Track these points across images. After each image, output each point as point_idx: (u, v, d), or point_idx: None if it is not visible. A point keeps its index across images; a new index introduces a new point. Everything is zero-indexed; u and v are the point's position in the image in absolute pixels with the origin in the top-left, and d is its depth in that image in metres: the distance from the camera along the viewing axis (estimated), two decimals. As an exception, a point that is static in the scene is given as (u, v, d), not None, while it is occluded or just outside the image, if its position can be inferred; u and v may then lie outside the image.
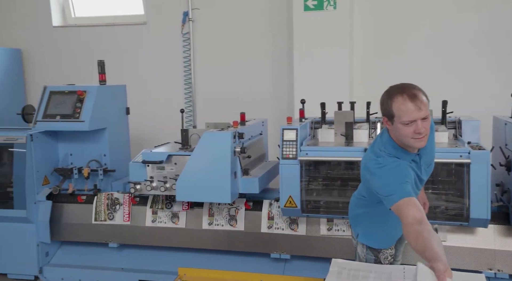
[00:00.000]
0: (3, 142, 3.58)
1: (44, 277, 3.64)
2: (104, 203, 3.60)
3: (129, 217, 3.54)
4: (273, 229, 3.34)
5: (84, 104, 3.63)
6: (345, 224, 3.20)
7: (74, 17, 5.61)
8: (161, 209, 3.50)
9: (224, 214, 3.42)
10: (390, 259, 2.25)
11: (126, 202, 3.56)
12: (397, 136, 2.00)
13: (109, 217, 3.57)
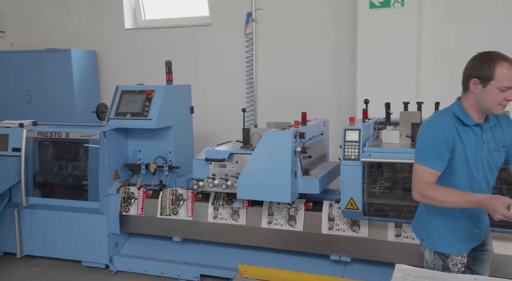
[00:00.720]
0: (80, 138, 3.83)
1: (114, 266, 3.85)
2: (169, 198, 3.75)
3: (192, 213, 3.65)
4: (334, 230, 3.29)
5: (152, 103, 3.80)
6: (413, 231, 3.08)
7: (144, 20, 5.89)
8: (222, 205, 3.58)
9: (284, 213, 3.42)
10: (461, 268, 2.13)
11: (189, 198, 3.68)
12: (482, 101, 2.01)
13: (174, 212, 3.70)
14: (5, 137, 4.01)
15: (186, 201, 3.68)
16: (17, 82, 5.65)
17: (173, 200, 3.72)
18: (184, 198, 3.69)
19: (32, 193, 3.93)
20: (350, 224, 3.25)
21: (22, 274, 3.79)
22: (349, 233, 3.25)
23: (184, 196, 3.70)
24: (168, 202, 3.74)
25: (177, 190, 3.74)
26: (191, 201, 3.67)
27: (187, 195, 3.68)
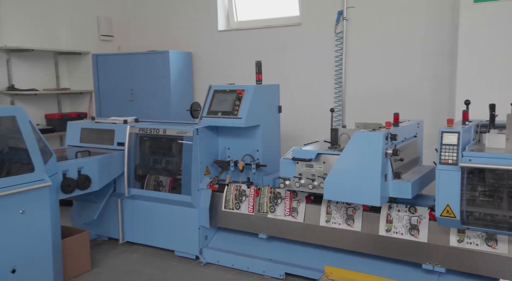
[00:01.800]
0: (175, 135, 4.08)
1: (203, 258, 4.04)
2: (267, 196, 3.79)
3: (289, 212, 3.66)
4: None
5: (242, 102, 3.91)
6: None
7: (236, 21, 6.08)
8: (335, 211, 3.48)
9: (405, 222, 3.26)
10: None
11: (287, 197, 3.68)
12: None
13: (271, 210, 3.74)
14: (111, 132, 4.40)
15: (284, 199, 3.70)
16: (122, 82, 6.17)
17: (271, 198, 3.76)
18: (282, 197, 3.71)
19: (133, 185, 4.27)
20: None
21: (123, 258, 4.14)
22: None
23: (282, 195, 3.72)
24: (266, 200, 3.78)
25: (275, 188, 3.76)
26: (290, 200, 3.68)
27: (285, 194, 3.70)
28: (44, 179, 3.24)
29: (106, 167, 4.05)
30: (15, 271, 3.06)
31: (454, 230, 3.05)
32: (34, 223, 3.18)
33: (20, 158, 3.38)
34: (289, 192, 3.67)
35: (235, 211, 3.85)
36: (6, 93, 5.72)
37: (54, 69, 6.41)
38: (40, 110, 6.14)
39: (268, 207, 3.76)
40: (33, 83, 6.03)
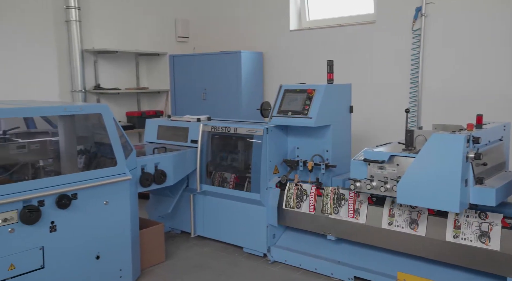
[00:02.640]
0: (246, 133, 4.15)
1: (271, 256, 4.08)
2: (330, 197, 3.76)
3: (353, 213, 3.59)
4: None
5: (313, 102, 3.88)
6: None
7: (308, 21, 6.05)
8: (398, 213, 3.39)
9: (474, 228, 3.09)
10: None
11: (351, 199, 3.63)
12: None
13: (335, 211, 3.70)
14: (185, 130, 4.58)
15: (348, 201, 3.64)
16: (196, 82, 6.41)
17: (335, 199, 3.72)
18: (346, 198, 3.66)
19: (204, 181, 4.42)
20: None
21: (194, 252, 4.30)
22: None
23: (346, 196, 3.67)
24: (330, 201, 3.74)
25: (339, 189, 3.72)
26: (353, 201, 3.61)
27: (349, 195, 3.64)
28: (125, 173, 3.45)
29: (180, 163, 4.23)
30: (99, 257, 3.31)
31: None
32: (115, 214, 3.41)
33: (104, 152, 3.63)
34: (353, 194, 3.59)
35: (298, 210, 3.82)
36: (93, 92, 6.19)
37: (135, 70, 6.82)
38: (121, 108, 6.56)
39: (332, 208, 3.71)
40: (116, 82, 6.47)
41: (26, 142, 3.17)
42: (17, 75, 5.42)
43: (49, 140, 3.31)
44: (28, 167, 3.27)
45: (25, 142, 3.17)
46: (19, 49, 5.43)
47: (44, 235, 2.98)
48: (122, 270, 3.47)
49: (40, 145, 3.20)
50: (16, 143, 3.12)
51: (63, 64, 5.89)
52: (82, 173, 3.30)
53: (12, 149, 3.06)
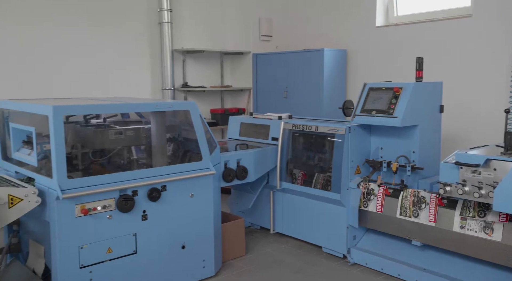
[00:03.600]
0: (327, 132, 4.11)
1: (351, 258, 4.00)
2: (410, 199, 3.62)
3: (434, 218, 3.43)
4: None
5: (399, 101, 3.72)
6: None
7: (396, 16, 5.80)
8: (472, 217, 3.22)
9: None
10: None
11: (432, 202, 3.46)
12: None
13: (414, 214, 3.56)
14: (266, 127, 4.65)
15: (429, 204, 3.47)
16: (278, 80, 6.46)
17: (415, 201, 3.57)
18: (427, 202, 3.49)
19: (284, 178, 4.45)
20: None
21: (273, 248, 4.36)
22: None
23: (427, 199, 3.50)
24: (409, 203, 3.61)
25: (419, 192, 3.57)
26: (435, 205, 3.44)
27: (431, 199, 3.47)
28: (209, 168, 3.60)
29: (261, 160, 4.30)
30: (184, 247, 3.50)
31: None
32: (200, 206, 3.57)
33: (191, 147, 3.82)
34: (435, 197, 3.39)
35: (412, 219, 3.60)
36: (180, 89, 6.53)
37: (219, 68, 7.06)
38: (206, 105, 6.84)
39: (411, 211, 3.54)
40: (202, 81, 6.75)
41: (123, 128, 3.44)
42: (114, 74, 5.88)
43: (142, 128, 3.56)
44: (124, 155, 3.55)
45: (122, 128, 3.44)
46: (116, 50, 5.89)
47: (136, 223, 3.22)
48: (205, 261, 3.63)
49: (135, 132, 3.45)
50: (114, 129, 3.41)
51: (155, 63, 6.29)
52: (171, 167, 3.51)
53: (111, 134, 3.35)
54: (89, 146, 3.34)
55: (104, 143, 3.34)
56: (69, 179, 2.89)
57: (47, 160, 3.17)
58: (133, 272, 3.20)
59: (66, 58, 5.45)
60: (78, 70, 5.54)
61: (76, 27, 5.50)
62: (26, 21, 5.13)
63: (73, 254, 2.92)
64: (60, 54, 5.39)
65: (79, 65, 5.55)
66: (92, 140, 3.32)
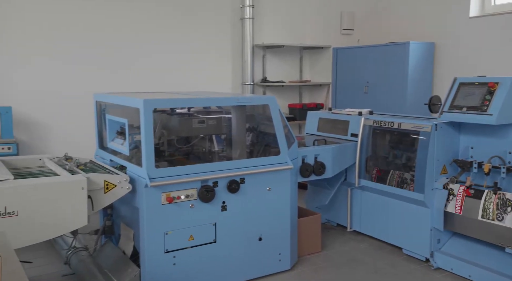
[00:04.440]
0: (410, 129, 3.92)
1: (434, 262, 3.79)
2: (493, 201, 3.33)
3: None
4: None
5: (494, 97, 3.44)
6: None
7: (494, 5, 5.35)
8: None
9: None
10: None
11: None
12: None
13: (498, 217, 3.26)
14: (346, 123, 4.56)
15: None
16: (359, 75, 6.29)
17: (499, 204, 3.28)
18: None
19: (363, 176, 4.33)
20: None
21: (350, 246, 4.28)
22: None
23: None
24: (493, 206, 3.32)
25: (505, 194, 3.27)
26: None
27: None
28: (287, 162, 3.61)
29: (340, 156, 4.23)
30: (261, 239, 3.56)
31: None
32: (277, 200, 3.60)
33: (269, 142, 3.87)
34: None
35: (500, 223, 3.37)
36: (260, 84, 6.62)
37: (298, 63, 7.05)
38: (284, 100, 6.87)
39: (495, 214, 3.25)
40: (281, 75, 6.79)
41: (205, 117, 3.58)
42: (197, 68, 6.12)
43: (223, 117, 3.67)
44: (206, 149, 3.70)
45: (205, 117, 3.58)
46: (200, 46, 6.12)
47: (216, 213, 3.33)
48: (281, 254, 3.66)
49: (216, 121, 3.57)
50: (197, 118, 3.56)
51: (236, 58, 6.44)
52: (250, 160, 3.59)
53: (194, 123, 3.50)
54: (174, 134, 3.53)
55: (188, 130, 3.51)
56: (156, 168, 3.07)
57: (137, 150, 3.41)
58: (213, 260, 3.33)
59: (156, 54, 5.77)
60: (165, 65, 5.84)
61: (164, 23, 5.80)
62: (124, 22, 5.51)
63: (158, 239, 3.11)
64: (150, 51, 5.72)
65: (167, 61, 5.86)
66: (177, 128, 3.49)
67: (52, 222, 2.71)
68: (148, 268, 3.09)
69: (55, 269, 3.62)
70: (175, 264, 3.18)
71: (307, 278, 3.65)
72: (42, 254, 3.85)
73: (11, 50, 4.87)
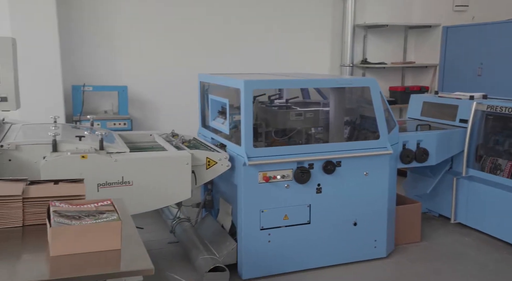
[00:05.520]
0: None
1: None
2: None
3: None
4: None
5: None
6: None
7: None
8: None
9: None
10: None
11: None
12: None
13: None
14: (454, 108, 4.23)
15: None
16: (471, 55, 5.74)
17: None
18: None
19: (472, 165, 4.00)
20: None
21: (453, 239, 4.01)
22: None
23: None
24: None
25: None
26: None
27: None
28: (387, 147, 3.47)
29: (445, 143, 3.97)
30: (356, 224, 3.50)
31: None
32: (374, 186, 3.50)
33: (368, 125, 3.75)
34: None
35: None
36: (359, 66, 6.41)
37: (402, 44, 6.66)
38: (385, 83, 6.56)
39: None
40: (383, 57, 6.48)
41: (302, 110, 3.58)
42: (295, 50, 6.08)
43: (321, 110, 3.64)
44: (302, 133, 3.71)
45: (302, 110, 3.58)
46: (299, 26, 6.07)
47: (311, 194, 3.34)
48: (377, 241, 3.56)
49: (314, 114, 3.56)
50: (295, 111, 3.58)
51: (335, 39, 6.29)
52: (347, 143, 3.52)
53: (292, 115, 3.53)
54: (271, 126, 3.59)
55: (285, 123, 3.54)
56: (254, 148, 3.17)
57: (236, 129, 3.53)
58: (306, 240, 3.36)
59: (254, 36, 5.85)
60: (264, 47, 5.90)
61: (264, 3, 5.85)
62: (229, 9, 5.68)
63: (255, 216, 3.22)
64: (249, 33, 5.82)
65: (266, 43, 5.91)
66: (274, 121, 3.55)
67: (161, 193, 2.94)
68: (245, 243, 3.23)
69: (162, 236, 3.95)
70: (270, 241, 3.27)
71: (404, 268, 3.52)
72: (150, 222, 4.22)
73: (127, 35, 5.31)
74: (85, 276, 1.54)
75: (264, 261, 3.27)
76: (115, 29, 5.22)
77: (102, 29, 5.15)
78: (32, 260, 1.67)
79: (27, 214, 1.88)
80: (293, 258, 3.35)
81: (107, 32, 5.18)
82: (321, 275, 3.37)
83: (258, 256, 3.25)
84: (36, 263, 1.64)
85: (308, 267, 3.40)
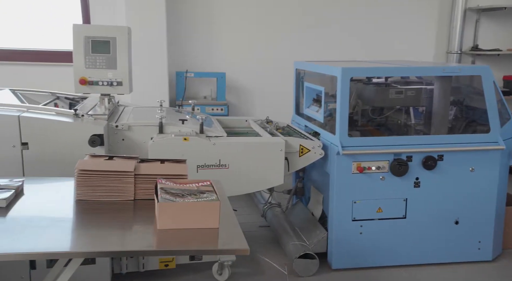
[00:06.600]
0: None
1: None
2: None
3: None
4: None
5: None
6: None
7: None
8: None
9: None
10: None
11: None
12: None
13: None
14: None
15: None
16: None
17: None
18: None
19: None
20: None
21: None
22: None
23: None
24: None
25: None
26: None
27: None
28: (498, 142, 3.17)
29: None
30: (458, 223, 3.26)
31: None
32: (480, 183, 3.22)
33: (476, 117, 3.45)
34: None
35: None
36: (468, 53, 5.88)
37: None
38: (499, 72, 5.93)
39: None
40: (497, 43, 5.87)
41: (403, 88, 3.40)
42: (397, 35, 5.75)
43: (424, 88, 3.42)
44: (401, 121, 3.52)
45: (403, 88, 3.40)
46: (403, 10, 5.73)
47: (408, 188, 3.18)
48: (481, 243, 3.29)
49: (416, 92, 3.36)
50: (395, 88, 3.41)
51: (443, 24, 5.83)
52: (451, 136, 3.28)
53: (391, 93, 3.36)
54: (369, 104, 3.47)
55: (384, 101, 3.40)
56: (349, 137, 3.09)
57: (331, 118, 3.47)
58: (401, 235, 3.22)
59: (351, 21, 5.65)
60: (361, 33, 5.69)
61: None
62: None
63: (347, 207, 3.16)
64: (345, 16, 5.63)
65: (364, 28, 5.69)
66: (372, 97, 3.41)
67: (254, 178, 3.02)
68: (336, 232, 3.19)
69: (253, 220, 4.07)
70: (362, 233, 3.19)
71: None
72: (243, 205, 4.36)
73: (227, 24, 5.47)
74: (187, 250, 1.65)
75: (355, 252, 3.21)
76: (215, 19, 5.41)
77: (203, 20, 5.38)
78: (142, 231, 1.83)
79: (138, 189, 2.06)
80: (386, 252, 3.24)
81: (208, 22, 5.39)
82: (417, 273, 3.21)
83: (349, 247, 3.19)
84: (144, 234, 1.79)
85: (401, 263, 3.27)
